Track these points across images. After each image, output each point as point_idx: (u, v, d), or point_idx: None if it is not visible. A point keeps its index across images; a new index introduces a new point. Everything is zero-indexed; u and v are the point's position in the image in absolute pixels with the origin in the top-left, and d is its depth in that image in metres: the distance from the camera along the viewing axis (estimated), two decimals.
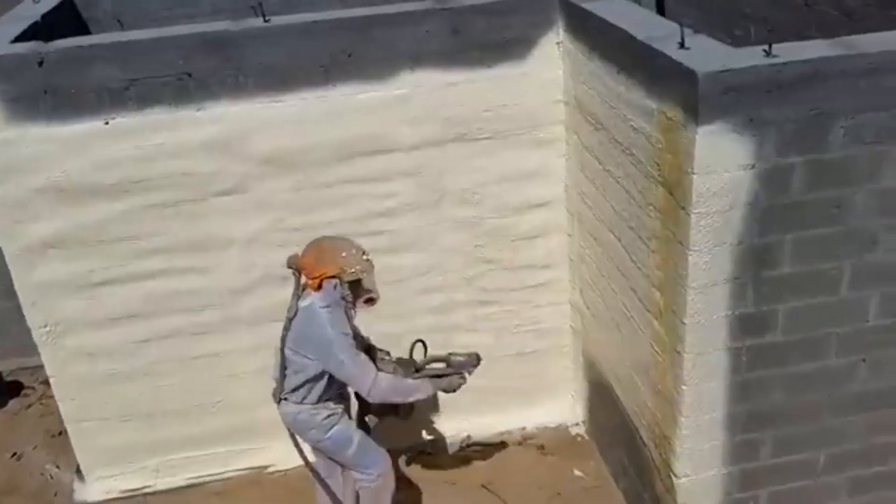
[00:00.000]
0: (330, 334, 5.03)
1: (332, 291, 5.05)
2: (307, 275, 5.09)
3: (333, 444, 5.44)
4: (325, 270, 5.02)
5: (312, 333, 5.09)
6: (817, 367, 4.98)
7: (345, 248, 5.11)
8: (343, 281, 5.04)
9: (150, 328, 6.12)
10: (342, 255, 5.06)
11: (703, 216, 4.51)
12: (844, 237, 4.70)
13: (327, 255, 5.06)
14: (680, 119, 4.47)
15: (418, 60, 5.70)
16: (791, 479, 5.26)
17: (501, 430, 6.90)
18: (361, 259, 5.10)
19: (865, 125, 4.47)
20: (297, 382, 5.25)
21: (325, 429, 5.38)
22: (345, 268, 5.03)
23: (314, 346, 5.10)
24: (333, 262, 5.03)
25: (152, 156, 5.66)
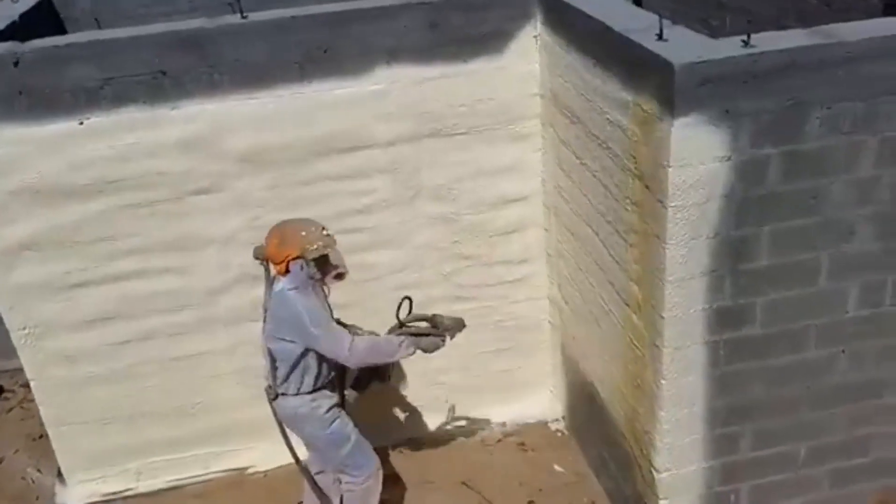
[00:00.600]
0: (299, 311, 5.03)
1: (298, 273, 5.05)
2: (273, 262, 5.10)
3: (331, 440, 5.39)
4: (289, 252, 5.01)
5: (285, 315, 5.08)
6: (796, 360, 4.92)
7: (304, 227, 5.10)
8: (307, 260, 5.02)
9: (128, 330, 6.02)
10: (302, 234, 5.03)
11: (679, 209, 4.44)
12: (822, 228, 4.64)
13: (288, 237, 5.05)
14: (656, 111, 4.40)
15: (395, 55, 5.61)
16: (772, 473, 5.20)
17: (481, 426, 6.81)
18: (322, 235, 5.07)
19: (842, 115, 4.41)
20: (286, 371, 5.21)
21: (327, 423, 5.35)
22: (306, 246, 5.00)
23: (289, 326, 5.09)
24: (295, 243, 5.01)
25: (127, 155, 5.56)
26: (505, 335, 6.58)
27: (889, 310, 4.92)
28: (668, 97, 4.24)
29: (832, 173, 4.53)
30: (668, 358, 4.76)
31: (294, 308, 5.05)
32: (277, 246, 5.05)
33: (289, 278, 5.07)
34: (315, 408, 5.30)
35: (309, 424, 5.35)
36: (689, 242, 4.52)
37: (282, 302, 5.09)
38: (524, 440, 6.72)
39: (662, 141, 4.36)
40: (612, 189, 5.10)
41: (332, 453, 5.45)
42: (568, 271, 6.09)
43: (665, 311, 4.66)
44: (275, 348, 5.19)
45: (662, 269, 4.59)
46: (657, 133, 4.41)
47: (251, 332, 5.96)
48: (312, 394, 5.29)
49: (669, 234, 4.49)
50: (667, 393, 4.85)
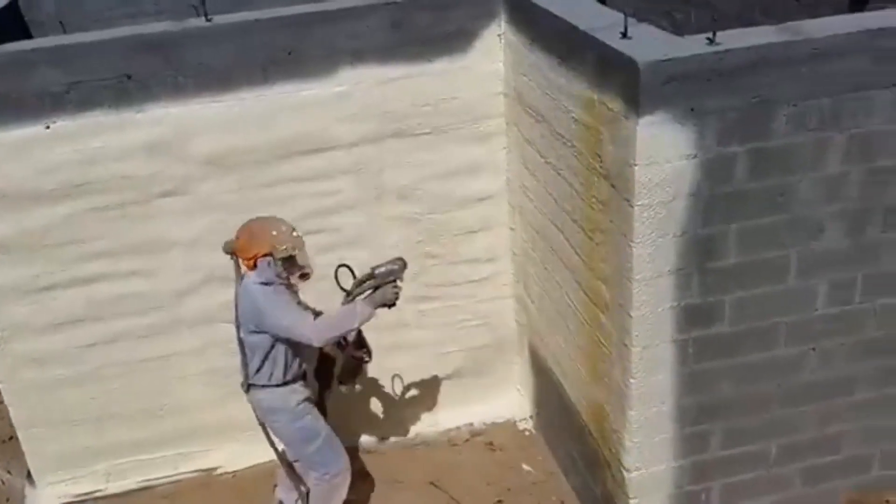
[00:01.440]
0: (263, 301, 5.10)
1: (266, 269, 5.10)
2: (242, 256, 5.15)
3: (301, 434, 5.41)
4: (258, 250, 5.07)
5: (252, 306, 5.13)
6: (766, 358, 4.85)
7: (275, 226, 5.14)
8: (276, 258, 5.07)
9: (95, 332, 5.92)
10: (273, 234, 5.09)
11: (645, 208, 4.36)
12: (790, 225, 4.57)
13: (259, 234, 5.10)
14: (621, 110, 4.31)
15: (358, 56, 5.53)
16: (743, 471, 5.12)
17: (449, 426, 6.72)
18: (292, 236, 5.13)
19: (809, 112, 4.35)
20: (258, 363, 5.25)
21: (298, 416, 5.38)
22: (276, 245, 5.06)
23: (256, 317, 5.13)
24: (265, 241, 5.07)
25: (93, 159, 5.47)
26: (472, 334, 6.50)
27: (858, 307, 4.85)
28: (634, 95, 4.16)
29: (799, 171, 4.46)
30: (637, 356, 4.67)
31: (257, 299, 5.11)
32: (247, 242, 5.10)
33: (256, 273, 5.12)
34: (286, 399, 5.33)
35: (280, 416, 5.37)
36: (656, 241, 4.44)
37: (247, 294, 5.15)
38: (492, 440, 6.64)
39: (628, 139, 4.28)
40: (577, 188, 5.01)
41: (300, 448, 5.45)
42: (534, 270, 6.01)
43: (633, 309, 4.57)
44: (246, 340, 5.25)
45: (630, 268, 4.50)
46: (623, 131, 4.33)
47: (219, 333, 5.92)
48: (283, 386, 5.30)
49: (636, 233, 4.40)
50: (636, 392, 4.76)
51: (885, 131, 4.48)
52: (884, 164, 4.56)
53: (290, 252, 5.08)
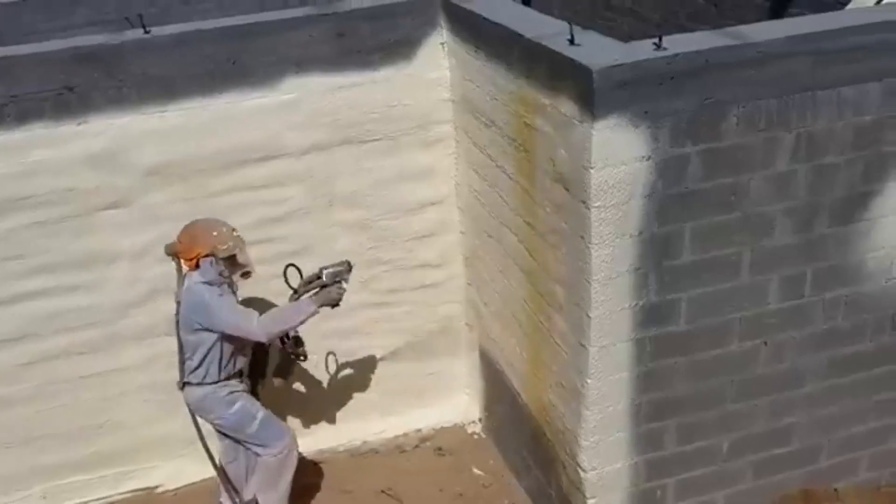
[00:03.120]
0: (208, 299, 5.21)
1: (209, 269, 5.21)
2: (184, 257, 5.25)
3: (236, 419, 5.51)
4: (200, 250, 5.18)
5: (195, 305, 5.23)
6: (720, 354, 4.93)
7: (215, 227, 5.24)
8: (217, 258, 5.18)
9: (34, 350, 5.75)
10: (213, 234, 5.20)
11: (602, 209, 4.40)
12: (742, 223, 4.66)
13: (200, 235, 5.20)
14: (574, 114, 4.35)
15: (303, 65, 5.50)
16: (696, 467, 5.19)
17: (397, 433, 6.68)
18: (232, 235, 5.24)
19: (758, 113, 4.45)
20: (196, 362, 5.34)
21: (229, 404, 5.45)
22: (217, 245, 5.18)
23: (200, 315, 5.22)
24: (206, 242, 5.18)
25: (34, 172, 5.34)
26: (421, 339, 6.48)
27: (808, 300, 4.97)
28: (588, 100, 4.21)
29: (750, 170, 4.55)
30: (595, 357, 4.71)
31: (202, 296, 5.21)
32: (189, 243, 5.20)
33: (199, 273, 5.22)
34: (217, 392, 5.42)
35: (215, 408, 5.46)
36: (613, 241, 4.48)
37: (191, 294, 5.24)
38: (441, 444, 6.62)
39: (583, 143, 4.31)
40: (530, 191, 5.04)
41: (241, 432, 5.54)
42: (487, 273, 6.01)
43: (592, 309, 4.60)
44: (187, 339, 5.33)
45: (588, 269, 4.54)
46: (576, 135, 4.36)
47: (163, 346, 5.84)
48: (218, 383, 5.41)
49: (594, 234, 4.44)
50: (592, 392, 4.79)
51: (829, 129, 4.59)
52: (829, 161, 4.67)
53: (232, 251, 5.20)
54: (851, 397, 5.35)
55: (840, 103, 4.58)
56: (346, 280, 5.36)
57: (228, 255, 5.19)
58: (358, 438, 6.63)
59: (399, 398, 6.61)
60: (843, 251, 4.95)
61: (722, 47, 4.32)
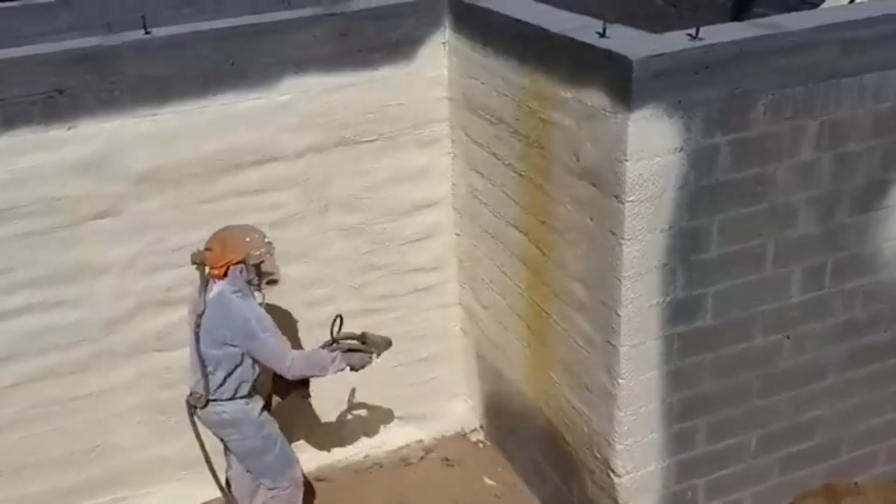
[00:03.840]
0: (248, 315, 4.96)
1: (238, 277, 4.97)
2: (212, 265, 4.95)
3: (263, 443, 5.23)
4: (232, 257, 4.93)
5: (230, 319, 4.95)
6: (745, 348, 4.85)
7: (248, 233, 5.04)
8: (248, 265, 4.97)
9: (19, 371, 5.37)
10: (246, 240, 4.99)
11: (636, 203, 4.29)
12: (767, 214, 4.60)
13: (231, 242, 4.96)
14: (605, 106, 4.25)
15: (302, 65, 5.29)
16: (725, 466, 5.10)
17: (399, 444, 6.44)
18: (264, 242, 5.04)
19: (785, 101, 4.40)
20: (221, 377, 5.03)
21: (261, 426, 5.22)
22: (250, 252, 4.96)
23: (233, 331, 4.95)
24: (239, 248, 4.94)
25: (20, 180, 5.01)
26: (417, 346, 6.25)
27: (828, 292, 4.93)
28: (624, 91, 4.11)
29: (777, 159, 4.50)
30: (626, 356, 4.59)
31: (241, 312, 4.95)
32: (220, 251, 4.93)
33: (228, 282, 4.95)
34: (249, 411, 5.17)
35: (243, 428, 5.17)
36: (645, 237, 4.37)
37: (223, 306, 4.95)
38: (447, 455, 6.39)
39: (616, 135, 4.21)
40: (545, 188, 4.91)
41: (258, 460, 5.27)
42: (486, 276, 5.85)
43: (622, 307, 4.49)
44: (211, 353, 4.99)
45: (619, 266, 4.42)
46: (607, 128, 4.26)
47: (153, 363, 5.60)
48: (246, 398, 5.15)
49: (627, 230, 4.33)
50: (624, 392, 4.67)
51: (852, 117, 4.58)
52: (851, 149, 4.66)
53: (263, 258, 4.98)
54: (869, 389, 5.33)
55: (861, 91, 4.57)
56: (379, 354, 5.28)
57: (258, 262, 4.95)
58: (359, 453, 6.38)
59: (397, 408, 6.40)
60: (861, 240, 4.93)
61: (756, 37, 4.29)
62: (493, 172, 5.45)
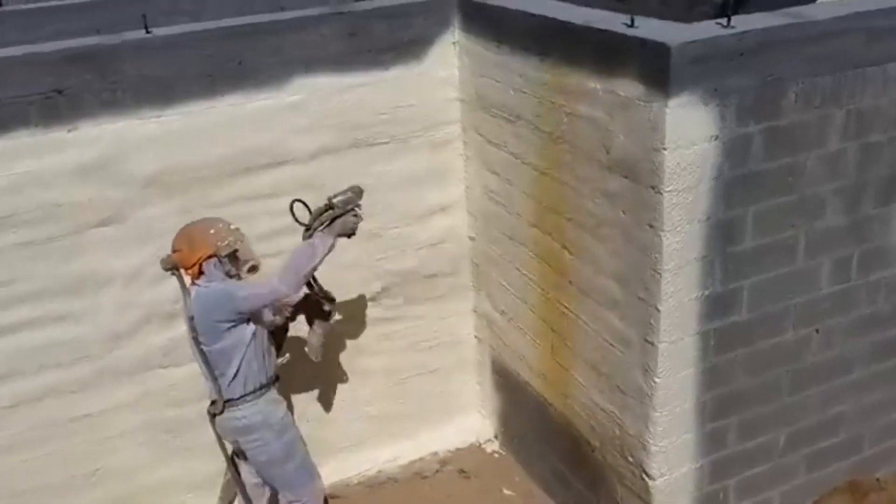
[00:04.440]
0: (220, 289, 4.73)
1: (213, 271, 4.76)
2: (185, 266, 4.76)
3: (286, 449, 4.99)
4: (201, 253, 4.72)
5: (211, 305, 4.72)
6: (777, 343, 4.74)
7: (211, 224, 4.80)
8: (221, 257, 4.74)
9: (17, 390, 5.05)
10: (211, 233, 4.75)
11: (674, 194, 4.17)
12: (798, 205, 4.52)
13: (197, 238, 4.74)
14: (640, 95, 4.14)
15: (312, 65, 5.12)
16: (755, 465, 4.95)
17: (412, 458, 6.19)
18: (230, 230, 4.80)
19: (813, 90, 4.34)
20: (232, 371, 4.80)
21: (283, 430, 4.98)
22: (218, 243, 4.73)
23: (221, 310, 4.71)
24: (206, 241, 4.73)
25: (18, 186, 4.73)
26: (431, 356, 6.05)
27: (854, 284, 4.85)
28: (661, 79, 4.02)
29: (806, 149, 4.43)
30: (664, 353, 4.43)
31: (216, 289, 4.72)
32: (187, 248, 4.73)
33: (204, 279, 4.75)
34: (268, 414, 4.93)
35: (264, 433, 4.92)
36: (684, 227, 4.25)
37: (202, 299, 4.73)
38: (462, 466, 6.15)
39: (652, 124, 4.10)
40: (571, 184, 4.77)
41: (279, 468, 5.01)
42: (505, 279, 5.67)
43: (661, 302, 4.34)
44: (216, 348, 4.76)
45: (658, 259, 4.28)
46: (642, 117, 4.15)
47: (159, 381, 5.33)
48: (262, 395, 4.90)
49: (666, 221, 4.20)
50: (661, 392, 4.50)
51: (876, 106, 4.54)
52: (875, 139, 4.61)
53: (234, 247, 4.75)
54: (891, 383, 5.25)
55: (886, 80, 4.54)
56: (360, 206, 4.95)
57: (230, 252, 4.72)
58: (371, 467, 6.10)
59: (409, 420, 6.16)
60: (885, 232, 4.88)
61: (785, 25, 4.24)
62: (511, 172, 5.31)
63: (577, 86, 4.54)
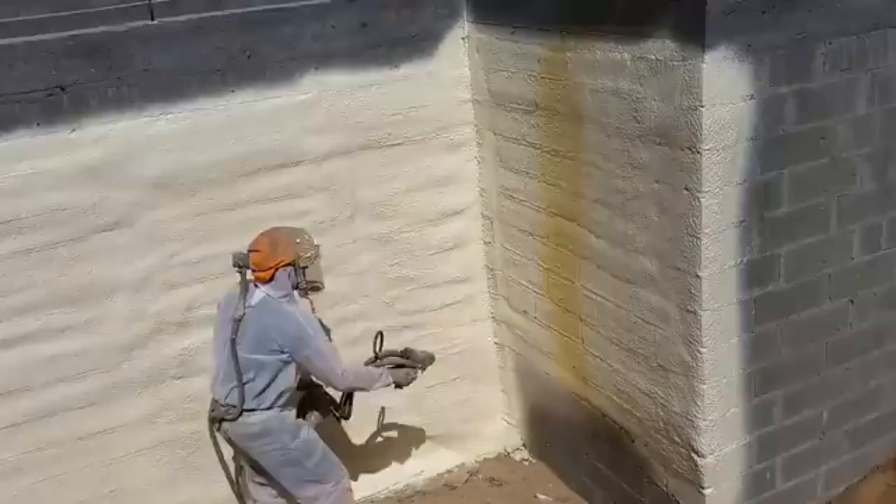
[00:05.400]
0: (300, 321, 4.58)
1: (285, 280, 4.57)
2: (259, 267, 4.53)
3: (304, 448, 4.75)
4: (282, 258, 4.53)
5: (282, 325, 4.53)
6: (815, 314, 4.54)
7: (298, 234, 4.64)
8: (298, 267, 4.57)
9: (21, 408, 4.67)
10: (297, 242, 4.59)
11: (712, 152, 4.00)
12: (830, 170, 4.37)
13: (281, 243, 4.56)
14: (674, 55, 3.99)
15: (323, 61, 4.91)
16: (800, 441, 4.70)
17: (440, 470, 5.83)
18: (314, 245, 4.65)
19: (840, 52, 4.23)
20: (262, 385, 4.56)
21: (296, 431, 4.74)
22: (300, 253, 4.57)
23: (285, 337, 4.52)
24: (290, 249, 4.55)
25: (19, 189, 4.40)
26: (452, 365, 5.70)
27: (885, 253, 4.70)
28: (696, 31, 3.88)
29: (836, 112, 4.31)
30: (708, 321, 4.20)
31: (293, 318, 4.55)
32: (269, 252, 4.51)
33: (273, 286, 4.54)
34: (284, 418, 4.70)
35: (280, 437, 4.68)
36: (722, 189, 4.06)
37: (275, 311, 4.53)
38: (493, 475, 5.81)
39: (689, 82, 3.95)
40: (598, 163, 4.58)
41: (300, 467, 4.76)
42: (526, 278, 5.44)
43: (702, 268, 4.13)
44: (254, 359, 4.52)
45: (697, 223, 4.08)
46: (677, 76, 4.00)
47: (175, 392, 4.98)
48: (286, 407, 4.72)
49: (704, 181, 4.01)
50: (707, 363, 4.26)
51: None
52: None
53: (313, 261, 4.60)
54: None
55: None
56: (423, 370, 5.02)
57: (306, 266, 4.58)
58: (399, 482, 5.74)
59: (434, 431, 5.83)
60: None
61: None
62: (531, 164, 5.13)
63: (602, 59, 4.39)
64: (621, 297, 4.69)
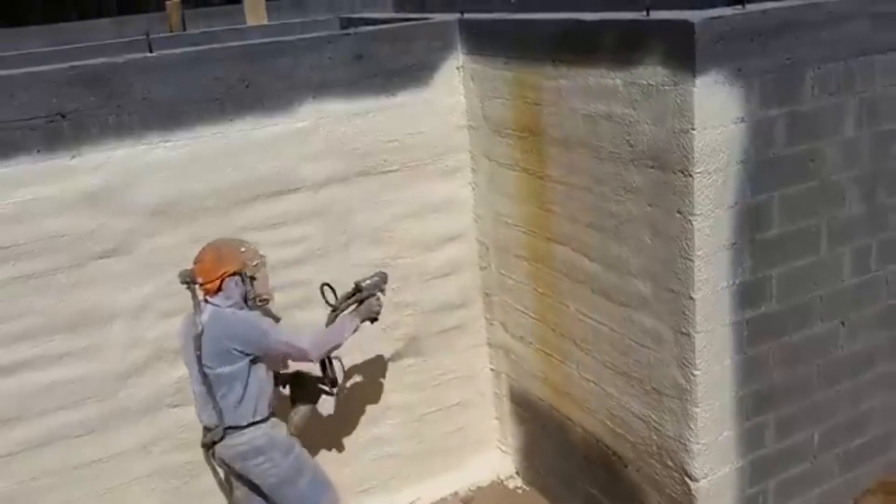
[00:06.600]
0: (251, 318, 4.47)
1: (233, 289, 4.45)
2: (206, 279, 4.41)
3: (296, 465, 4.62)
4: (228, 268, 4.42)
5: (235, 328, 4.42)
6: (807, 336, 4.43)
7: (241, 244, 4.53)
8: (245, 276, 4.45)
9: (15, 437, 4.54)
10: (241, 251, 4.48)
11: (704, 175, 3.92)
12: (820, 192, 4.29)
13: (226, 253, 4.45)
14: (665, 79, 3.93)
15: (320, 90, 4.83)
16: (792, 465, 4.57)
17: (435, 499, 5.67)
18: (259, 254, 4.54)
19: (829, 76, 4.18)
20: (236, 399, 4.44)
21: (290, 447, 4.63)
22: (246, 262, 4.46)
23: (242, 338, 4.41)
24: (234, 259, 4.44)
25: (18, 216, 4.30)
26: (448, 391, 5.59)
27: (875, 276, 4.60)
28: (686, 58, 3.84)
29: (825, 135, 4.23)
30: (701, 343, 4.09)
31: (244, 318, 4.45)
32: (214, 262, 4.41)
33: (222, 297, 4.43)
34: (273, 435, 4.56)
35: (271, 454, 4.54)
36: (714, 212, 3.98)
37: (224, 318, 4.41)
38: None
39: (680, 106, 3.90)
40: (592, 188, 4.52)
41: (293, 486, 4.62)
42: (521, 304, 5.33)
43: (695, 290, 4.03)
44: (220, 372, 4.39)
45: (689, 246, 4.00)
46: (669, 100, 3.96)
47: (171, 421, 4.83)
48: (267, 421, 4.56)
49: (696, 204, 3.93)
50: (700, 385, 4.15)
51: (885, 95, 4.39)
52: (887, 128, 4.44)
53: (260, 269, 4.50)
54: None
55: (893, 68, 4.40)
56: (384, 291, 4.83)
57: (252, 275, 4.46)
58: None
59: (427, 461, 5.65)
60: None
61: (801, 5, 4.10)
62: (525, 190, 5.04)
63: (595, 84, 4.33)
64: (615, 320, 4.59)
